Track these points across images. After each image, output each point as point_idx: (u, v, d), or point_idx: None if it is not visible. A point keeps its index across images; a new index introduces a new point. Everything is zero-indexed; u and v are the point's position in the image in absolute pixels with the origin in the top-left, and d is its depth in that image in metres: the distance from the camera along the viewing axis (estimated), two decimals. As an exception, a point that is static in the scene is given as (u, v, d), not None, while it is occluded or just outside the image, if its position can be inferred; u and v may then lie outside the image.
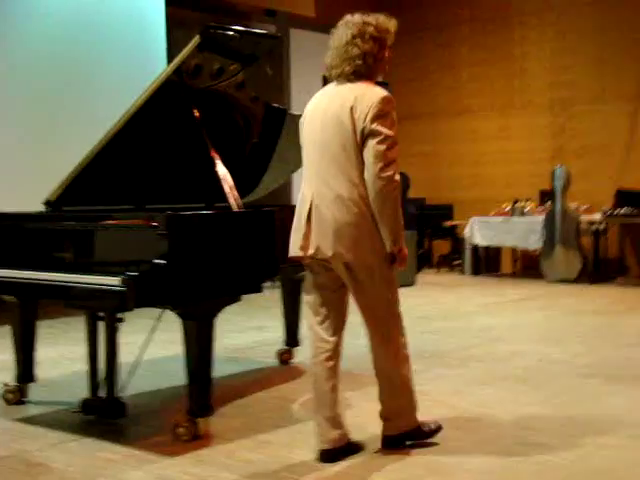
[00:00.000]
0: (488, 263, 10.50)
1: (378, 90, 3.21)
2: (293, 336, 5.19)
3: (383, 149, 3.12)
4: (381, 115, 3.14)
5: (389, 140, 3.13)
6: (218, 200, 4.11)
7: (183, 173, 4.48)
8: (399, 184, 3.20)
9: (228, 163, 4.09)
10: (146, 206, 4.45)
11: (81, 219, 3.89)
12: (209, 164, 4.04)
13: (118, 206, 4.35)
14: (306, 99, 3.50)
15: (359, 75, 3.25)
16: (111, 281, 3.34)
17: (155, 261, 3.35)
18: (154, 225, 3.42)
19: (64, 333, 6.34)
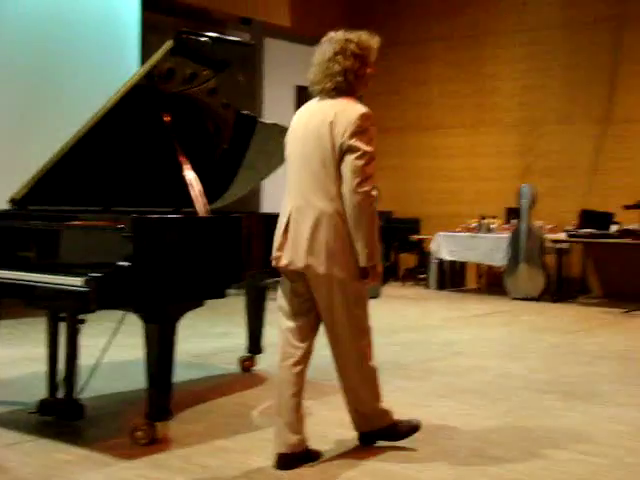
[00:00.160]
0: (453, 278, 10.59)
1: (358, 107, 3.29)
2: (256, 343, 5.19)
3: (361, 164, 3.20)
4: (359, 131, 3.22)
5: (367, 156, 3.21)
6: (186, 205, 4.12)
7: (152, 176, 4.47)
8: (376, 199, 3.27)
9: (197, 168, 4.10)
10: (113, 208, 4.44)
11: (46, 219, 3.87)
12: (178, 168, 4.05)
13: (84, 207, 4.33)
14: (279, 108, 3.56)
15: (340, 91, 3.33)
16: (74, 282, 3.34)
17: (119, 263, 3.35)
18: (120, 227, 3.43)
19: (24, 334, 6.28)
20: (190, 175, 4.04)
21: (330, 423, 3.88)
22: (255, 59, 10.10)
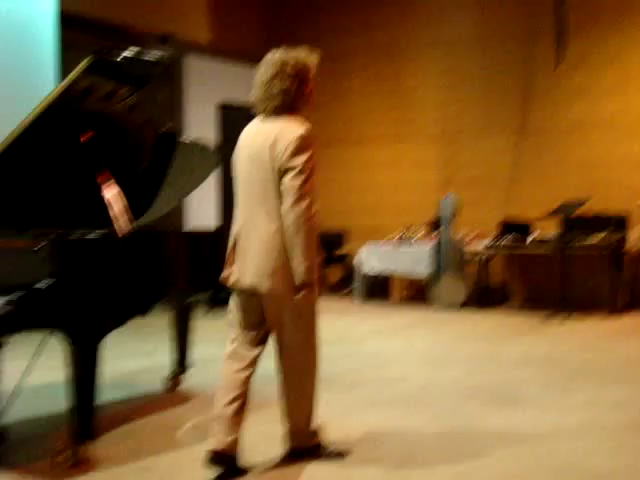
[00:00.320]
0: (379, 290, 10.71)
1: (296, 128, 3.37)
2: (182, 362, 5.15)
3: (297, 183, 3.29)
4: (297, 152, 3.31)
5: (303, 174, 3.30)
6: (108, 224, 4.08)
7: (72, 196, 4.41)
8: (313, 217, 3.33)
9: (119, 185, 4.06)
10: (32, 229, 4.35)
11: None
12: (97, 187, 4.01)
13: (2, 228, 4.24)
14: (201, 124, 3.59)
15: (280, 111, 3.42)
16: (-9, 304, 3.27)
17: (39, 284, 3.30)
18: (39, 248, 3.38)
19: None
20: (110, 193, 4.00)
21: (260, 437, 3.89)
22: (175, 76, 10.08)
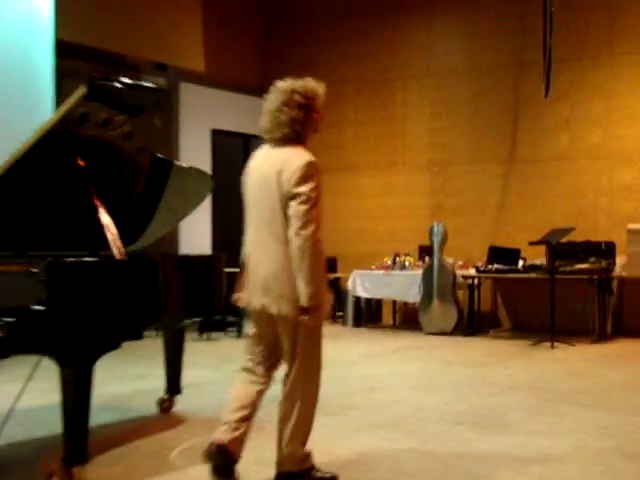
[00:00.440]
0: (369, 315, 10.78)
1: (303, 155, 3.48)
2: (174, 384, 5.20)
3: (303, 209, 3.40)
4: (304, 179, 3.42)
5: (310, 201, 3.41)
6: (103, 248, 4.15)
7: (67, 220, 4.48)
8: (319, 243, 3.43)
9: (112, 212, 4.14)
10: (28, 252, 4.42)
11: (-42, 264, 3.84)
12: (93, 212, 4.09)
13: (-2, 252, 4.31)
14: (195, 151, 3.68)
15: (288, 140, 3.53)
16: (-13, 327, 3.32)
17: (33, 307, 3.35)
18: (34, 271, 3.44)
19: None
20: (106, 218, 4.08)
21: (253, 459, 3.93)
22: (170, 103, 10.19)
